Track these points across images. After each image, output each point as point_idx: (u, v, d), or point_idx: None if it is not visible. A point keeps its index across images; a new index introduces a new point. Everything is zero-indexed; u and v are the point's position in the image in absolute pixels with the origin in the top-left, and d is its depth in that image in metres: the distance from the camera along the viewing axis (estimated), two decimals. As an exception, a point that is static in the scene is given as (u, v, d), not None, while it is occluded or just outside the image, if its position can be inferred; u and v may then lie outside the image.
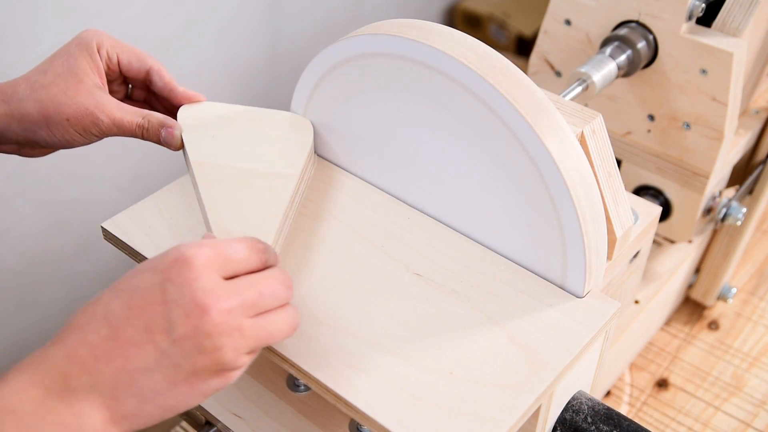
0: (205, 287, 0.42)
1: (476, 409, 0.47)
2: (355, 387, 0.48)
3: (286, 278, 0.47)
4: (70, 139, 0.59)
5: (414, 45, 0.54)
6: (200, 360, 0.42)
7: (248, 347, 0.44)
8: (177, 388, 0.42)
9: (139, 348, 0.42)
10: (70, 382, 0.41)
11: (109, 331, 0.42)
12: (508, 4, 1.77)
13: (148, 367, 0.42)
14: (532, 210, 0.54)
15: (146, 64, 0.63)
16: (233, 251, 0.45)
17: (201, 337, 0.42)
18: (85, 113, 0.58)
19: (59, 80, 0.59)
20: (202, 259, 0.43)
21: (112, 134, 0.60)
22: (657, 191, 0.82)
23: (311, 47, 1.47)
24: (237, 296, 0.43)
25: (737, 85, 0.72)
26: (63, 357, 0.42)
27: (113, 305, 0.43)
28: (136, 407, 0.42)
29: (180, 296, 0.42)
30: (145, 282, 0.43)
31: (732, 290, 0.90)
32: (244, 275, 0.45)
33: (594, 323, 0.53)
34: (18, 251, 1.13)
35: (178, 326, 0.42)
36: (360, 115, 0.61)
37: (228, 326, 0.42)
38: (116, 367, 0.42)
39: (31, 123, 0.58)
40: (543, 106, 0.51)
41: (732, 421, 0.82)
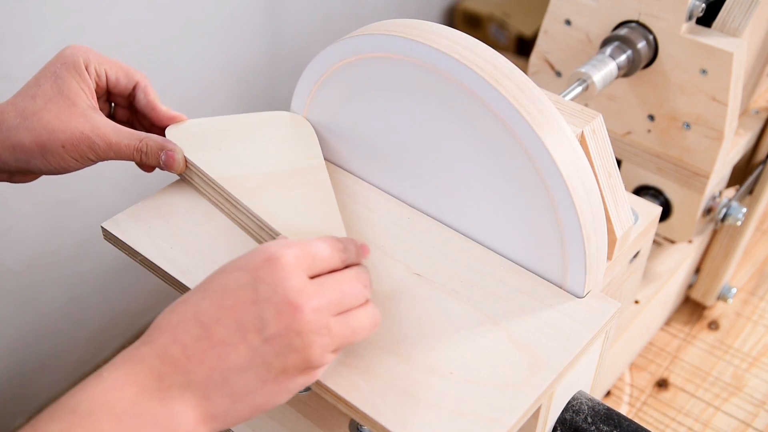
0: (296, 286, 0.43)
1: (476, 409, 0.47)
2: (355, 387, 0.48)
3: (366, 277, 0.48)
4: (66, 166, 0.58)
5: (414, 45, 0.54)
6: (290, 358, 0.43)
7: (334, 345, 0.45)
8: (267, 387, 0.43)
9: (232, 347, 0.42)
10: (164, 381, 0.42)
11: (201, 331, 0.42)
12: (508, 4, 1.77)
13: (240, 366, 0.42)
14: (532, 210, 0.54)
15: (133, 79, 0.61)
16: (318, 250, 0.46)
17: (292, 336, 0.43)
18: (80, 138, 0.56)
19: (51, 105, 0.57)
20: (291, 259, 0.44)
21: (108, 158, 0.58)
22: (657, 191, 0.82)
23: (311, 47, 1.47)
24: (324, 295, 0.44)
25: (737, 85, 0.72)
26: (156, 356, 0.42)
27: (204, 305, 0.43)
28: (227, 406, 0.43)
29: (272, 295, 0.43)
30: (235, 282, 0.44)
31: (732, 290, 0.90)
32: (326, 274, 0.46)
33: (594, 323, 0.53)
34: (18, 251, 1.13)
35: (271, 325, 0.42)
36: (360, 115, 0.61)
37: (317, 324, 0.43)
38: (209, 367, 0.42)
39: (24, 153, 0.56)
40: (543, 106, 0.51)
41: (732, 421, 0.82)
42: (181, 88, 1.26)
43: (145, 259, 0.57)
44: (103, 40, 1.11)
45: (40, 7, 1.01)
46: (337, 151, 0.65)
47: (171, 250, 0.57)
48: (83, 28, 1.07)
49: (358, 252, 0.49)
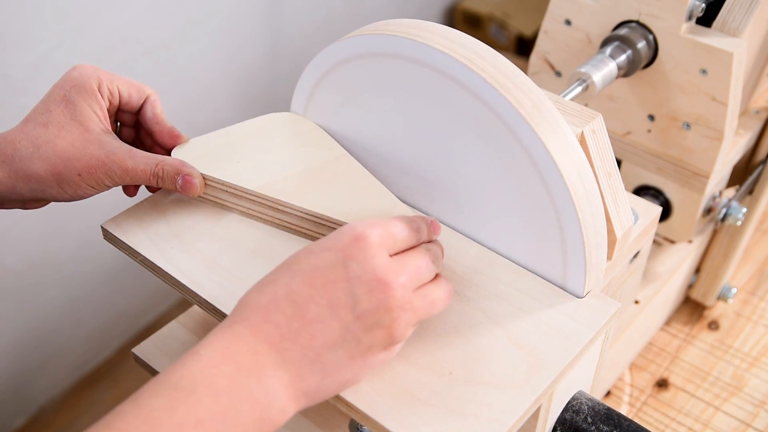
0: (384, 264, 0.45)
1: (476, 409, 0.47)
2: (355, 387, 0.48)
3: (436, 251, 0.50)
4: (82, 193, 0.57)
5: (414, 45, 0.54)
6: (378, 334, 0.45)
7: (416, 319, 0.47)
8: (354, 363, 0.45)
9: (325, 324, 0.44)
10: (260, 359, 0.43)
11: (294, 310, 0.44)
12: (508, 4, 1.77)
13: (332, 342, 0.44)
14: (532, 210, 0.54)
15: (144, 93, 0.61)
16: (398, 230, 0.47)
17: (382, 312, 0.44)
18: (96, 166, 0.55)
19: (64, 132, 0.55)
20: (377, 238, 0.45)
21: (125, 183, 0.57)
22: (657, 191, 0.82)
23: (311, 47, 1.47)
24: (406, 272, 0.46)
25: (737, 85, 0.72)
26: (251, 335, 0.43)
27: (294, 284, 0.44)
28: (317, 383, 0.44)
29: (362, 273, 0.44)
30: (324, 261, 0.45)
31: (732, 290, 0.90)
32: (402, 252, 0.48)
33: (594, 323, 0.53)
34: (18, 251, 1.13)
35: (362, 301, 0.44)
36: (360, 114, 0.61)
37: (404, 300, 0.45)
38: (302, 345, 0.43)
39: (39, 183, 0.55)
40: (543, 107, 0.51)
41: (732, 421, 0.82)
42: (181, 88, 1.26)
43: (145, 259, 0.57)
44: (103, 40, 1.11)
45: (40, 8, 1.01)
46: (337, 151, 0.65)
47: (171, 250, 0.57)
48: (83, 28, 1.07)
49: (429, 229, 0.50)
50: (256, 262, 0.56)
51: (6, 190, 0.56)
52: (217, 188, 0.59)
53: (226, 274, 0.55)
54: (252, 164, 0.60)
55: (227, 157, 0.61)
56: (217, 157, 0.61)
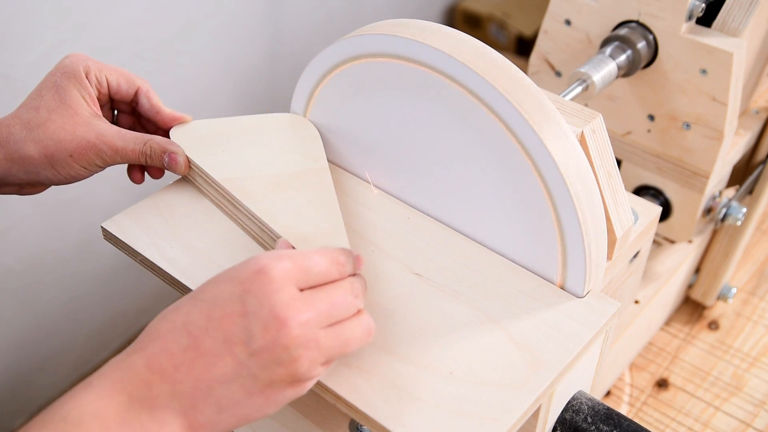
0: (284, 300, 0.43)
1: (476, 409, 0.47)
2: (355, 387, 0.48)
3: (360, 287, 0.47)
4: (75, 175, 0.58)
5: (414, 45, 0.54)
6: (277, 372, 0.43)
7: (324, 358, 0.44)
8: (253, 399, 0.43)
9: (218, 358, 0.42)
10: (152, 390, 0.42)
11: (189, 341, 0.42)
12: (508, 4, 1.77)
13: (226, 377, 0.42)
14: (532, 210, 0.54)
15: (134, 85, 0.61)
16: (314, 264, 0.45)
17: (279, 350, 0.42)
18: (87, 146, 0.57)
19: (55, 115, 0.57)
20: (281, 272, 0.43)
21: (115, 163, 0.59)
22: (657, 191, 0.82)
23: (311, 47, 1.47)
24: (313, 308, 0.44)
25: (737, 85, 0.72)
26: (144, 365, 0.42)
27: (193, 315, 0.43)
28: (213, 416, 0.43)
29: (259, 308, 0.42)
30: (224, 293, 0.44)
31: (732, 290, 0.90)
32: (318, 287, 0.45)
33: (594, 323, 0.53)
34: (18, 251, 1.13)
35: (257, 338, 0.42)
36: (359, 115, 0.61)
37: (305, 338, 0.43)
38: (195, 377, 0.42)
39: (33, 165, 0.57)
40: (543, 106, 0.51)
41: (732, 421, 0.82)
42: (181, 88, 1.26)
43: (145, 259, 0.57)
44: (103, 40, 1.11)
45: (40, 8, 1.01)
46: (337, 150, 0.65)
47: (171, 250, 0.57)
48: (83, 28, 1.07)
49: (354, 263, 0.48)
50: (256, 262, 0.56)
51: (2, 172, 0.57)
52: (196, 172, 0.61)
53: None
54: (234, 157, 0.61)
55: (216, 145, 0.62)
56: (207, 142, 0.62)
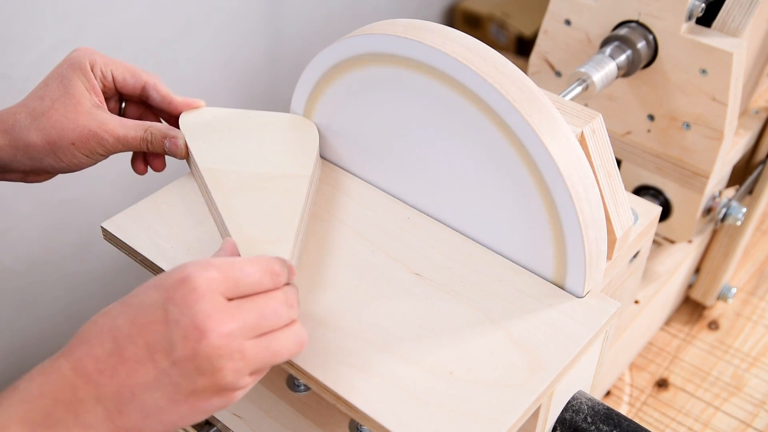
0: (206, 310, 0.42)
1: (476, 409, 0.47)
2: (355, 387, 0.48)
3: (291, 297, 0.47)
4: (78, 162, 0.59)
5: (413, 45, 0.54)
6: (199, 381, 0.42)
7: (250, 368, 0.44)
8: (178, 406, 0.43)
9: (141, 365, 0.42)
10: (77, 393, 0.42)
11: (114, 347, 0.42)
12: (508, 4, 1.77)
13: (148, 384, 0.42)
14: (531, 210, 0.54)
15: (141, 80, 0.62)
16: (244, 275, 0.45)
17: (200, 360, 0.42)
18: (89, 135, 0.58)
19: (58, 104, 0.58)
20: (205, 282, 0.43)
21: (117, 151, 0.60)
22: (657, 191, 0.82)
23: (311, 47, 1.47)
24: (238, 319, 0.43)
25: (737, 85, 0.72)
26: (70, 369, 0.42)
27: (119, 320, 0.43)
28: (139, 421, 0.42)
29: (180, 317, 0.42)
30: (149, 299, 0.43)
31: (732, 290, 0.90)
32: (248, 297, 0.45)
33: (594, 323, 0.53)
34: (18, 251, 1.13)
35: (178, 348, 0.42)
36: (359, 115, 0.61)
37: (228, 349, 0.42)
38: (119, 382, 0.42)
39: (36, 152, 0.58)
40: (543, 106, 0.51)
41: (732, 421, 0.82)
42: (181, 88, 1.26)
43: (145, 259, 0.57)
44: (103, 40, 1.11)
45: (40, 8, 1.01)
46: (337, 150, 0.65)
47: (171, 250, 0.57)
48: (83, 28, 1.07)
49: (288, 273, 0.48)
50: (256, 262, 0.56)
51: (7, 158, 0.58)
52: (191, 157, 0.61)
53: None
54: (226, 148, 0.61)
55: (216, 133, 0.62)
56: (209, 130, 0.62)
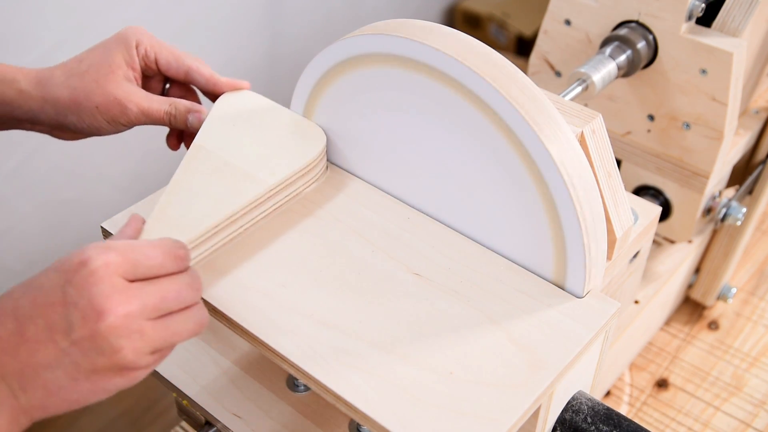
0: (104, 291, 0.43)
1: (476, 409, 0.47)
2: (355, 387, 0.48)
3: (194, 280, 0.48)
4: (99, 126, 0.62)
5: (413, 45, 0.54)
6: (99, 360, 0.43)
7: (150, 348, 0.45)
8: (79, 385, 0.44)
9: (41, 345, 0.43)
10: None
11: (15, 326, 0.44)
12: (508, 4, 1.77)
13: (49, 363, 0.43)
14: (531, 210, 0.54)
15: (184, 65, 0.64)
16: (144, 257, 0.46)
17: (99, 340, 0.43)
18: (113, 102, 0.60)
19: (93, 69, 0.61)
20: (103, 264, 0.44)
21: (140, 123, 0.62)
22: (657, 191, 0.82)
23: (311, 47, 1.47)
24: (137, 300, 0.44)
25: (737, 85, 0.72)
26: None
27: (22, 301, 0.44)
28: (42, 399, 0.44)
29: (79, 299, 0.43)
30: (49, 281, 0.44)
31: (732, 290, 0.90)
32: (150, 279, 0.46)
33: (594, 323, 0.53)
34: (18, 251, 1.13)
35: (76, 328, 0.43)
36: (359, 115, 0.61)
37: (127, 329, 0.43)
38: (21, 361, 0.43)
39: (62, 107, 0.61)
40: (543, 106, 0.51)
41: (732, 421, 0.82)
42: (181, 88, 1.26)
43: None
44: (103, 40, 1.11)
45: (41, 7, 1.01)
46: (337, 150, 0.65)
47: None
48: (83, 28, 1.07)
49: (188, 256, 0.49)
50: (254, 262, 0.56)
51: (37, 108, 0.62)
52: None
53: (225, 274, 0.55)
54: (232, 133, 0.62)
55: (237, 118, 0.63)
56: (232, 114, 0.63)
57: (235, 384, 0.64)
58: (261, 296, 0.54)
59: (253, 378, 0.65)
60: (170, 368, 0.64)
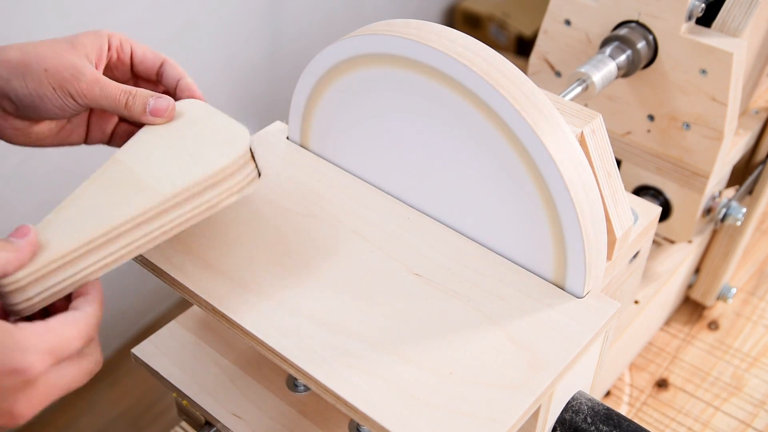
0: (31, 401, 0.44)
1: (476, 409, 0.47)
2: (355, 387, 0.48)
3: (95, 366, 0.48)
4: (42, 95, 0.54)
5: (414, 45, 0.54)
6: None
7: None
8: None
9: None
10: None
11: None
12: (508, 4, 1.77)
13: None
14: (531, 210, 0.54)
15: (160, 57, 0.61)
16: (72, 348, 0.45)
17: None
18: (67, 66, 0.54)
19: (53, 43, 0.55)
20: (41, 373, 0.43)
21: (92, 99, 0.55)
22: (657, 191, 0.82)
23: (311, 47, 1.47)
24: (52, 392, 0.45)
25: (737, 85, 0.72)
26: None
27: None
28: None
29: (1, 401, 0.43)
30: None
31: (732, 290, 0.90)
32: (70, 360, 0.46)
33: (594, 323, 0.53)
34: (18, 251, 1.12)
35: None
36: (359, 114, 0.61)
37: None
38: None
39: (7, 70, 0.54)
40: (543, 106, 0.51)
41: (732, 421, 0.82)
42: (181, 88, 1.26)
43: (145, 260, 0.57)
44: (103, 40, 1.11)
45: (41, 7, 1.01)
46: (337, 150, 0.65)
47: (170, 250, 0.57)
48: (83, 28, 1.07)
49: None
50: (255, 262, 0.56)
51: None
52: None
53: (225, 275, 0.55)
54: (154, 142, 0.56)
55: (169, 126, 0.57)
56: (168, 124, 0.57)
57: (235, 384, 0.64)
58: (261, 296, 0.54)
59: (253, 378, 0.65)
60: (170, 368, 0.65)
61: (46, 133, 0.59)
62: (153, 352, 0.66)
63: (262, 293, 0.54)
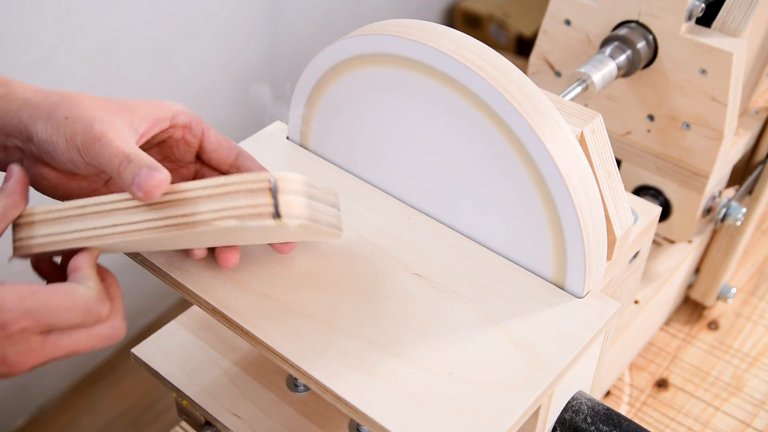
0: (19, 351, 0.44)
1: (476, 409, 0.47)
2: (355, 387, 0.48)
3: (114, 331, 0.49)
4: (56, 143, 0.49)
5: (413, 45, 0.54)
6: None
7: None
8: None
9: None
10: None
11: None
12: (508, 4, 1.77)
13: None
14: (531, 210, 0.54)
15: (235, 149, 0.55)
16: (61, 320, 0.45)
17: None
18: (86, 118, 0.48)
19: (103, 99, 0.50)
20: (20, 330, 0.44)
21: (92, 156, 0.48)
22: (657, 191, 0.82)
23: (311, 47, 1.47)
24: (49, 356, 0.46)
25: (737, 85, 0.72)
26: None
27: None
28: None
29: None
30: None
31: (732, 290, 0.90)
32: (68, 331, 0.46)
33: (594, 323, 0.53)
34: (18, 251, 1.12)
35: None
36: (359, 115, 0.61)
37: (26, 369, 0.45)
38: None
39: (39, 111, 0.49)
40: (543, 106, 0.51)
41: (732, 421, 0.82)
42: (181, 88, 1.26)
43: (145, 260, 0.57)
44: (103, 41, 1.11)
45: (40, 7, 1.01)
46: (337, 150, 0.65)
47: (170, 250, 0.57)
48: (83, 28, 1.07)
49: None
50: (254, 262, 0.56)
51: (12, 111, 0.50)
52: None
53: (225, 275, 0.55)
54: None
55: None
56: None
57: (235, 384, 0.64)
58: (261, 296, 0.54)
59: (253, 378, 0.65)
60: (170, 368, 0.65)
61: (77, 192, 0.54)
62: (153, 352, 0.66)
63: (262, 293, 0.54)
